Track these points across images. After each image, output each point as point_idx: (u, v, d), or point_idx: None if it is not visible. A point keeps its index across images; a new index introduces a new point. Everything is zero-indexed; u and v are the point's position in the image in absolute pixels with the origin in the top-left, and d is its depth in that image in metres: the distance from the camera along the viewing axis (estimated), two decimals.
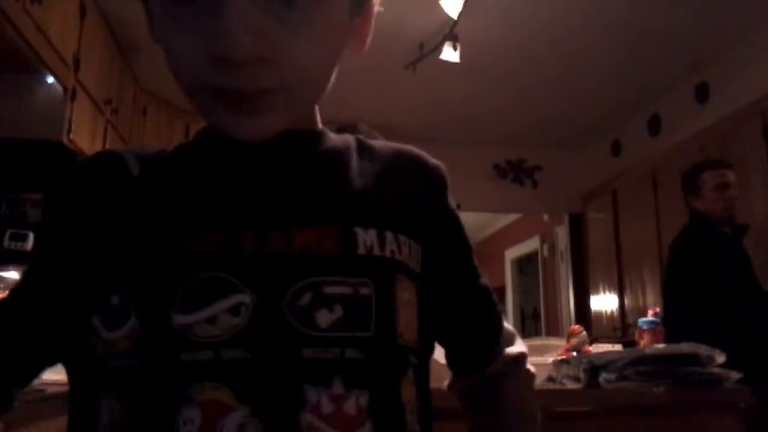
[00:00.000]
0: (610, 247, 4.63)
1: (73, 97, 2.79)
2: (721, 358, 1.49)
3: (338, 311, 0.49)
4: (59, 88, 2.70)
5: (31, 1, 2.25)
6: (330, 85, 0.55)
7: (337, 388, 0.47)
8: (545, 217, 5.76)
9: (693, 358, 1.48)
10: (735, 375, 1.49)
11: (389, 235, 0.53)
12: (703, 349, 1.49)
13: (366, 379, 0.49)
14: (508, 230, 6.95)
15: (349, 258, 0.50)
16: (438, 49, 3.27)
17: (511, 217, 6.68)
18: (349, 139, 0.60)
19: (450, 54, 3.24)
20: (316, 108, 0.59)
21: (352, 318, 0.49)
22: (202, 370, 0.46)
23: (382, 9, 0.60)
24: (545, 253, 5.99)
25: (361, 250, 0.51)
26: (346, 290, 0.49)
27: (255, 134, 0.51)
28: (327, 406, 0.47)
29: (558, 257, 5.57)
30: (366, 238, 0.51)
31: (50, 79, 2.65)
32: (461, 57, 3.26)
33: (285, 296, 0.48)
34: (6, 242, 2.45)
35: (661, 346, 1.76)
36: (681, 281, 2.52)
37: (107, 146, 3.32)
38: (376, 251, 0.51)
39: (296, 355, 0.47)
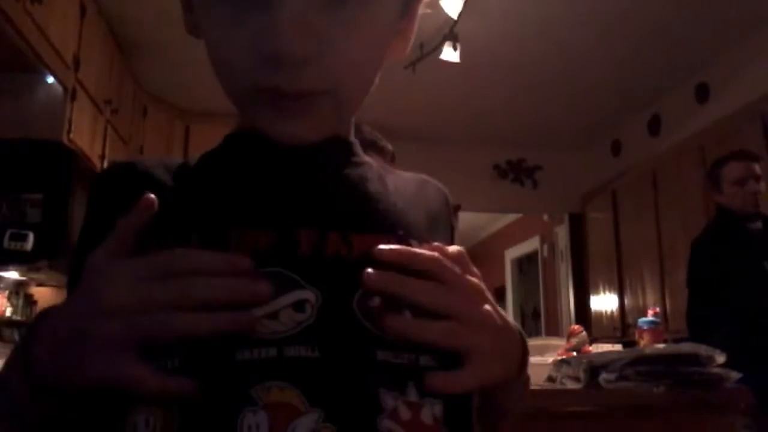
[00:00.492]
0: (610, 247, 4.63)
1: (73, 97, 2.79)
2: (721, 358, 1.48)
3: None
4: (59, 88, 2.70)
5: (31, 1, 2.26)
6: (372, 89, 0.53)
7: (412, 395, 0.44)
8: (545, 217, 5.76)
9: (693, 358, 1.47)
10: (735, 375, 1.48)
11: None
12: (703, 349, 1.48)
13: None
14: (508, 230, 6.94)
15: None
16: (438, 49, 3.26)
17: (511, 217, 6.67)
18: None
19: (450, 54, 3.24)
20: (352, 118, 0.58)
21: None
22: (265, 369, 0.42)
23: (429, 11, 0.58)
24: (545, 253, 5.99)
25: None
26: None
27: (297, 137, 0.49)
28: (405, 413, 0.44)
29: (558, 257, 5.57)
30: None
31: (50, 79, 2.65)
32: (461, 57, 3.26)
33: (355, 295, 0.46)
34: (6, 242, 2.44)
35: (661, 346, 1.76)
36: (700, 280, 2.47)
37: (107, 146, 3.33)
38: None
39: (370, 356, 0.44)
